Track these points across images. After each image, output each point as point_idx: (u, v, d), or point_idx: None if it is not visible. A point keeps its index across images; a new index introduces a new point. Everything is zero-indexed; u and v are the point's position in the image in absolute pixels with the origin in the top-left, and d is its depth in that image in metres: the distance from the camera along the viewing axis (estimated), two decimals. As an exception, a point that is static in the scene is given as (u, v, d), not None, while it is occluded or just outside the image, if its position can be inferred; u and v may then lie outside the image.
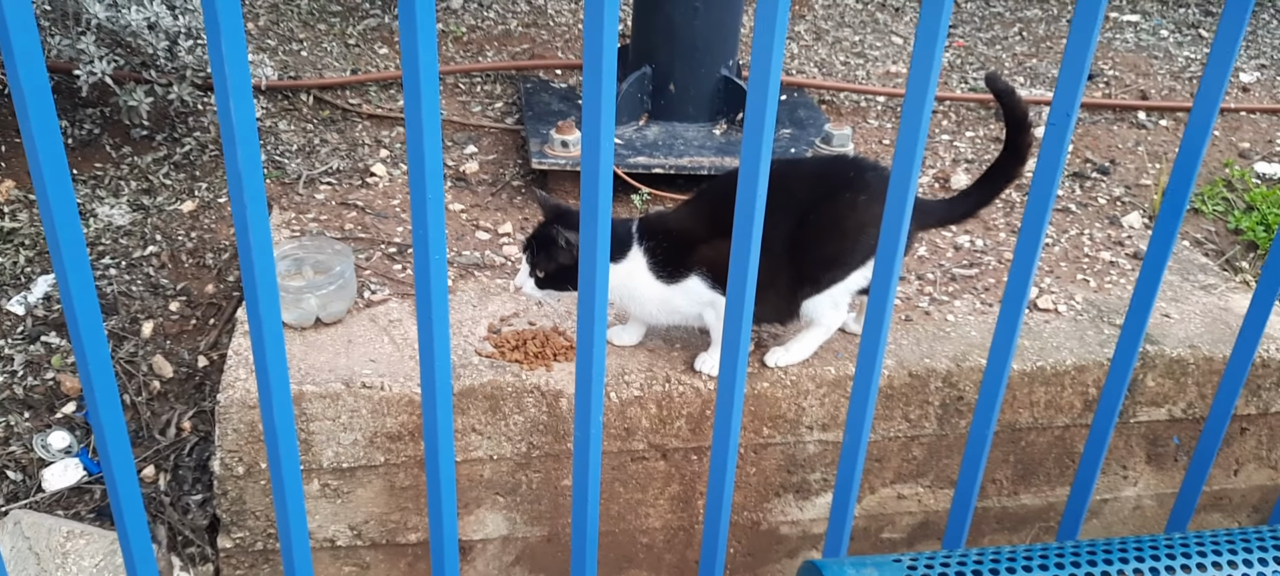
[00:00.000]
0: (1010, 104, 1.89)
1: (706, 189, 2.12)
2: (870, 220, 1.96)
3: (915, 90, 1.36)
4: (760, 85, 1.28)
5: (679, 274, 1.92)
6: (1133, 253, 2.64)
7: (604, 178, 1.27)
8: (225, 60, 1.15)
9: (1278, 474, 2.39)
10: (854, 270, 1.98)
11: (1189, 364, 2.21)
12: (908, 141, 1.40)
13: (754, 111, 1.29)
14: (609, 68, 1.21)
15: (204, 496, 2.19)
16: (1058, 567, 1.31)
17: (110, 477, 1.41)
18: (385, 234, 2.50)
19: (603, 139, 1.24)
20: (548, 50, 3.52)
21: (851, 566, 1.30)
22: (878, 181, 1.98)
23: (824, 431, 2.11)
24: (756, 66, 1.26)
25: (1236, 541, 1.35)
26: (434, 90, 1.20)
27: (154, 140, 2.92)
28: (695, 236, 1.95)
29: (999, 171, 1.98)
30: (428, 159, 1.22)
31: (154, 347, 2.37)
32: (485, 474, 2.03)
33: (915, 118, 1.38)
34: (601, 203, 1.28)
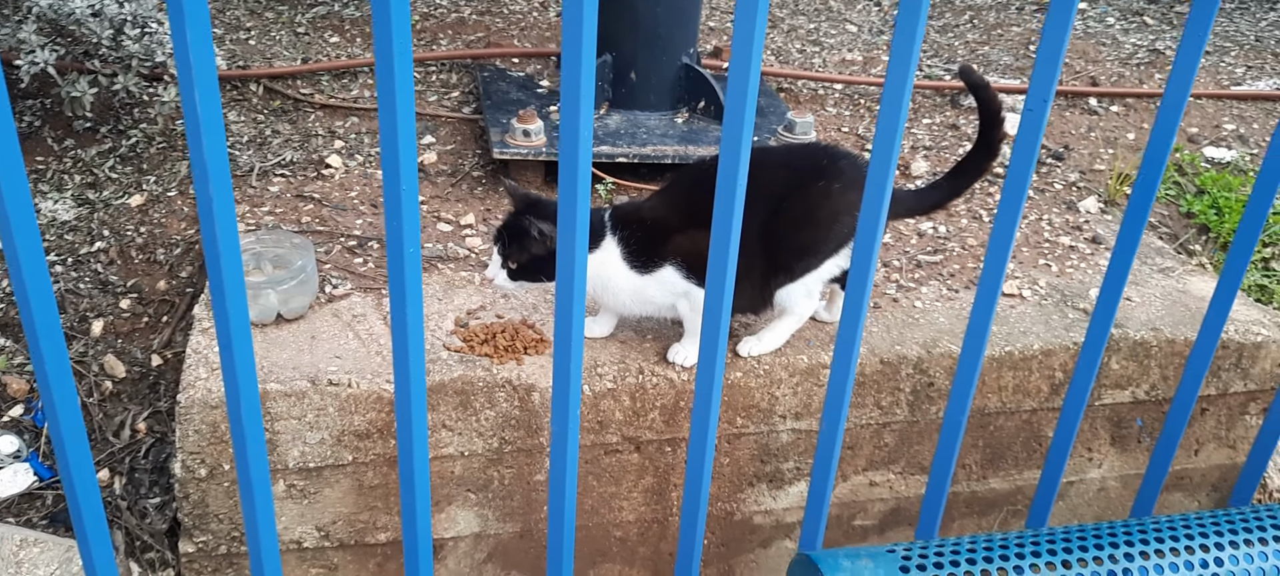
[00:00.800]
0: (985, 98, 1.89)
1: (678, 177, 2.10)
2: (844, 208, 1.95)
3: (894, 81, 1.35)
4: (741, 74, 1.26)
5: (653, 264, 1.90)
6: (1091, 237, 2.67)
7: (583, 168, 1.24)
8: (190, 47, 1.10)
9: (1237, 453, 2.43)
10: (827, 258, 1.97)
11: (1152, 346, 2.24)
12: (886, 131, 1.39)
13: (734, 101, 1.27)
14: (588, 55, 1.18)
15: (162, 499, 2.12)
16: (1049, 553, 1.32)
17: (69, 483, 1.35)
18: (344, 226, 2.44)
19: (581, 129, 1.21)
20: (503, 38, 3.47)
21: (846, 558, 1.29)
22: (851, 169, 1.97)
23: (797, 420, 2.10)
24: (737, 55, 1.24)
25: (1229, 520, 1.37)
26: (408, 77, 1.16)
27: (98, 132, 2.82)
28: (669, 226, 1.92)
29: (971, 164, 1.99)
30: (402, 154, 1.19)
31: (105, 347, 2.29)
32: (456, 470, 1.99)
33: (894, 108, 1.37)
34: (580, 193, 1.25)
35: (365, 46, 3.35)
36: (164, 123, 2.83)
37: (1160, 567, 1.35)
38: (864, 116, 3.27)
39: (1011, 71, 3.67)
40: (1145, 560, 1.36)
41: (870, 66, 3.60)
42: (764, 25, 1.24)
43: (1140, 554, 1.37)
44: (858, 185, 1.98)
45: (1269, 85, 3.67)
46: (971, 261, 2.49)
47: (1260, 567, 1.33)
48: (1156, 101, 3.46)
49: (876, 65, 3.61)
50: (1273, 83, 3.70)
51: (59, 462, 1.34)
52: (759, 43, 1.25)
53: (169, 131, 2.84)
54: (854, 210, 1.98)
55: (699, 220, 1.96)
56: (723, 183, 1.37)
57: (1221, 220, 2.90)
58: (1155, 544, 1.39)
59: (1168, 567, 1.34)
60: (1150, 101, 3.46)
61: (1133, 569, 1.34)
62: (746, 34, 1.23)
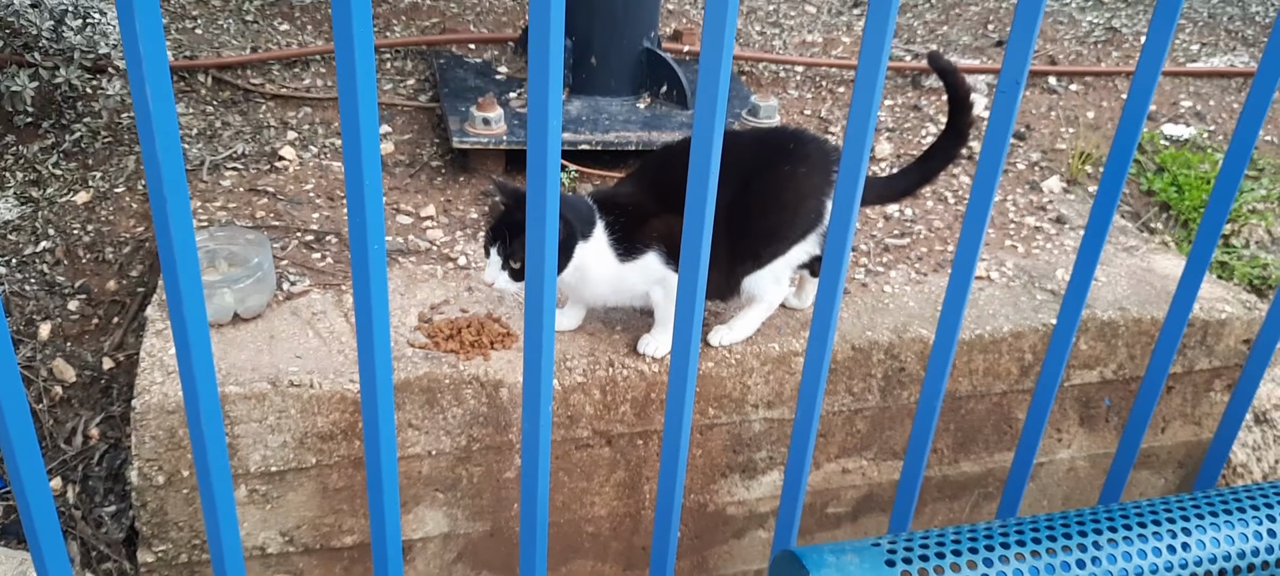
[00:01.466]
0: (953, 83, 1.87)
1: (653, 160, 2.06)
2: (810, 192, 1.92)
3: (867, 65, 1.32)
4: (713, 58, 1.22)
5: (635, 250, 1.86)
6: (1055, 216, 2.67)
7: (552, 159, 1.20)
8: (139, 39, 1.04)
9: (1202, 430, 2.45)
10: (794, 243, 1.94)
11: (1119, 326, 2.24)
12: (859, 115, 1.37)
13: (706, 85, 1.23)
14: (557, 41, 1.14)
15: (118, 507, 2.05)
16: (1033, 541, 1.30)
17: (21, 493, 1.29)
18: (301, 221, 2.38)
19: (550, 117, 1.17)
20: (459, 23, 3.40)
21: (831, 552, 1.27)
22: (817, 153, 1.95)
23: (769, 409, 2.08)
24: (708, 39, 1.21)
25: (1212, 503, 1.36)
26: (369, 64, 1.11)
27: (40, 128, 2.72)
28: (649, 211, 1.88)
29: (940, 150, 1.97)
30: (364, 145, 1.14)
31: (53, 350, 2.21)
32: (423, 470, 1.94)
33: (867, 92, 1.34)
34: (549, 183, 1.21)
35: (316, 34, 3.27)
36: (109, 116, 2.74)
37: (1142, 552, 1.34)
38: (826, 99, 3.25)
39: (970, 51, 3.67)
40: (1128, 545, 1.35)
41: (831, 48, 3.57)
42: (737, 8, 1.21)
43: (1123, 538, 1.36)
44: (824, 169, 1.95)
45: (1224, 62, 3.70)
46: (939, 244, 2.48)
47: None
48: (1115, 80, 3.48)
49: (836, 46, 3.59)
50: (1227, 59, 3.73)
51: (10, 472, 1.28)
52: (732, 25, 1.22)
53: (114, 125, 2.75)
54: (821, 194, 1.95)
55: (673, 202, 1.93)
56: (696, 168, 1.33)
57: (1182, 197, 2.91)
58: (1137, 528, 1.38)
59: (1151, 551, 1.33)
60: (1109, 80, 3.47)
61: (1116, 553, 1.33)
62: (718, 17, 1.20)
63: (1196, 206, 2.90)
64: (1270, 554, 1.31)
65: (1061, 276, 2.36)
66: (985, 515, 2.39)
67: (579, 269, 1.84)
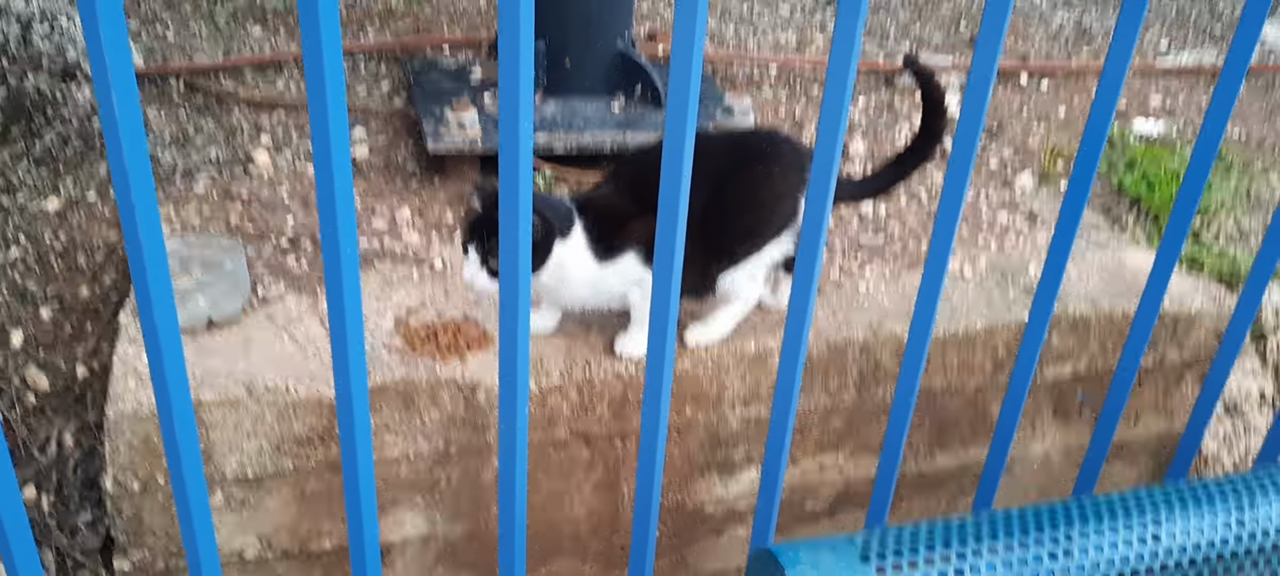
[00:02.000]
0: (928, 86, 1.89)
1: (630, 163, 2.06)
2: (785, 192, 1.94)
3: (838, 64, 1.33)
4: (684, 59, 1.23)
5: (614, 251, 1.86)
6: (1028, 213, 2.69)
7: (525, 160, 1.20)
8: (103, 43, 1.04)
9: (1174, 421, 2.48)
10: (769, 242, 1.96)
11: (1091, 320, 2.27)
12: (831, 114, 1.37)
13: (677, 86, 1.24)
14: (527, 41, 1.14)
15: (93, 516, 2.04)
16: (1006, 534, 1.31)
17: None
18: (275, 226, 2.37)
19: (521, 120, 1.17)
20: (433, 27, 3.39)
21: (806, 549, 1.28)
22: (791, 153, 1.96)
23: (746, 407, 2.09)
24: (678, 39, 1.21)
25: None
26: (337, 66, 1.11)
27: (9, 134, 2.69)
28: (628, 212, 1.89)
29: (914, 151, 1.99)
30: (334, 149, 1.14)
31: (26, 358, 2.20)
32: (402, 473, 1.94)
33: (839, 91, 1.35)
34: (522, 185, 1.21)
35: (289, 39, 3.26)
36: (79, 123, 2.71)
37: (1114, 543, 1.35)
38: (801, 98, 3.26)
39: (943, 50, 3.69)
40: (1100, 537, 1.36)
41: (805, 48, 3.59)
42: (707, 8, 1.22)
43: (1095, 530, 1.38)
44: (798, 169, 1.97)
45: (1192, 59, 3.74)
46: (912, 242, 2.49)
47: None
48: (1086, 77, 3.51)
49: (810, 46, 3.61)
50: (1196, 56, 3.78)
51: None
52: (702, 25, 1.22)
53: (85, 131, 2.72)
54: (795, 194, 1.97)
55: (650, 204, 1.93)
56: (668, 169, 1.34)
57: (1152, 193, 2.95)
58: (1109, 520, 1.40)
59: (1124, 542, 1.35)
60: (1079, 77, 3.51)
61: (1089, 545, 1.34)
62: (688, 17, 1.21)
63: (1167, 202, 2.93)
64: (1239, 543, 1.33)
65: (1034, 272, 2.38)
66: (961, 509, 2.41)
67: (558, 268, 1.84)
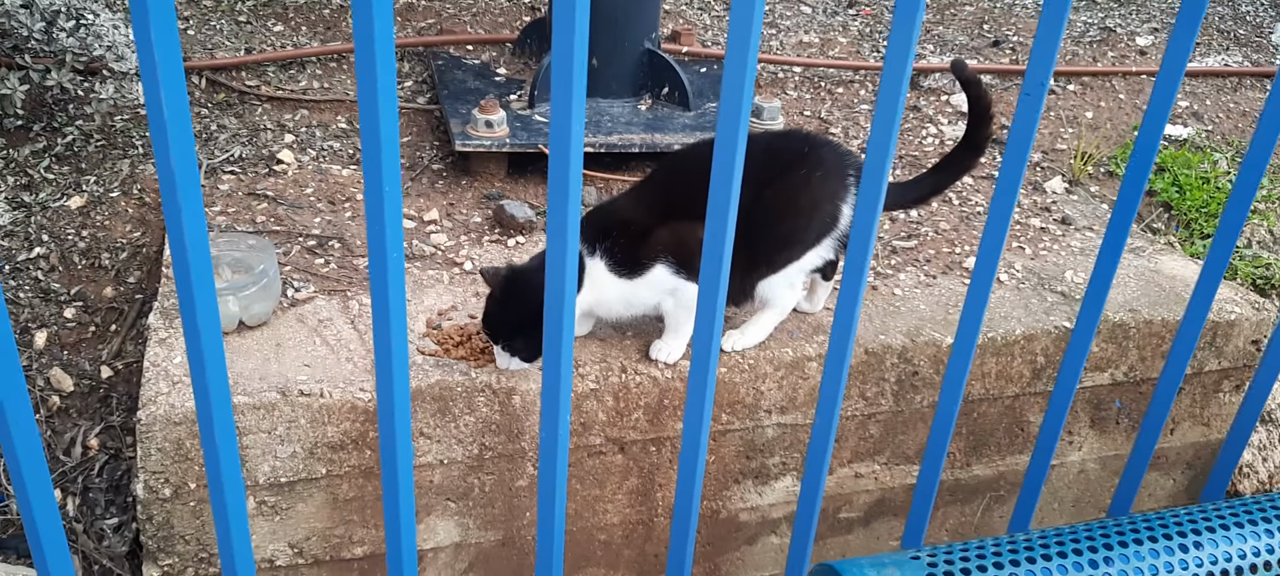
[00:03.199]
0: (976, 94, 1.85)
1: (655, 171, 2.04)
2: (825, 197, 1.90)
3: (892, 72, 1.30)
4: (738, 61, 1.20)
5: (641, 266, 1.83)
6: (1060, 218, 2.66)
7: (574, 167, 1.17)
8: (154, 47, 1.01)
9: (1211, 431, 2.44)
10: (809, 249, 1.92)
11: (1130, 327, 2.24)
12: (883, 123, 1.34)
13: (731, 89, 1.21)
14: (581, 43, 1.11)
15: (120, 520, 2.01)
16: (1075, 553, 1.28)
17: (26, 507, 1.25)
18: (301, 225, 2.33)
19: (573, 123, 1.14)
20: (456, 24, 3.36)
21: (870, 566, 1.25)
22: (831, 157, 1.93)
23: (782, 414, 2.05)
24: (733, 43, 1.18)
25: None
26: (390, 68, 1.08)
27: (31, 131, 2.66)
28: (651, 223, 1.86)
29: (956, 161, 1.96)
30: (384, 155, 1.11)
31: (50, 359, 2.17)
32: (435, 479, 1.91)
33: (892, 99, 1.32)
34: (572, 191, 1.18)
35: (311, 35, 3.23)
36: (102, 120, 2.68)
37: (1170, 566, 1.32)
38: (825, 99, 3.23)
39: (967, 51, 3.66)
40: (1155, 558, 1.33)
41: (827, 48, 3.56)
42: (762, 13, 1.18)
43: (1150, 547, 1.35)
44: (839, 173, 1.93)
45: (1218, 61, 3.71)
46: (945, 246, 2.46)
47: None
48: (1112, 80, 3.48)
49: (833, 46, 3.57)
50: (1221, 59, 3.74)
51: (15, 485, 1.24)
52: (757, 24, 1.19)
53: (107, 128, 2.69)
54: (836, 198, 1.93)
55: (681, 212, 1.90)
56: (718, 172, 1.31)
57: (1183, 198, 2.91)
58: (1163, 538, 1.37)
59: (1178, 565, 1.32)
60: (1105, 80, 3.47)
61: (1144, 563, 1.31)
62: (744, 20, 1.17)
63: (1198, 206, 2.90)
64: (1272, 554, 1.32)
65: (1071, 278, 2.35)
66: (997, 518, 2.38)
67: (584, 303, 1.86)
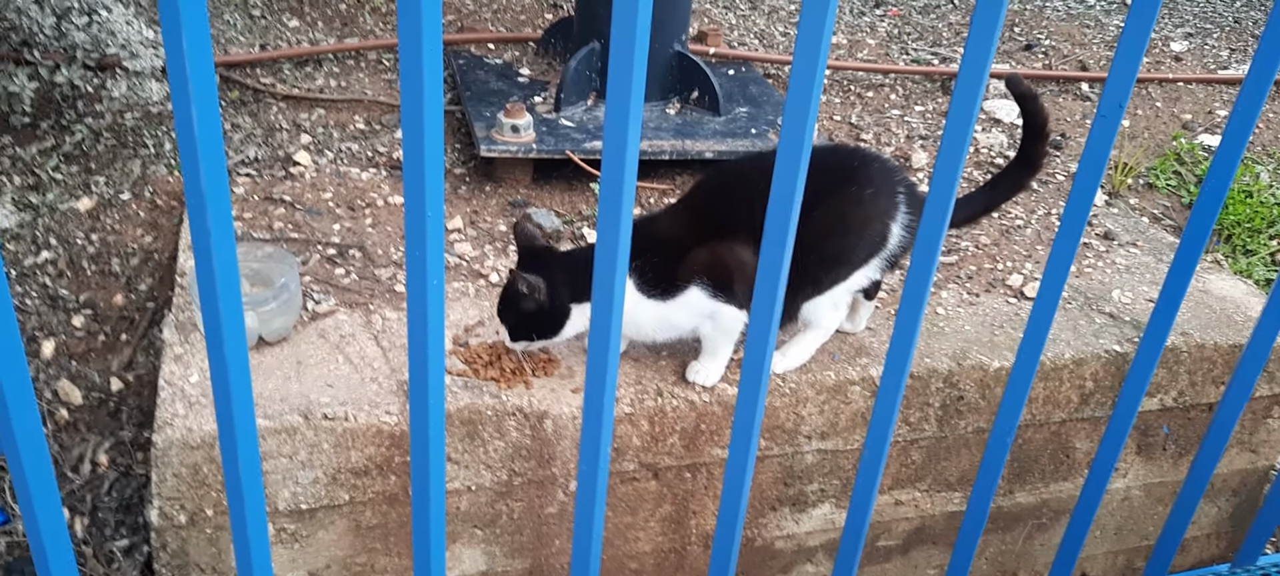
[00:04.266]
0: (1031, 110, 1.77)
1: (691, 188, 1.95)
2: (875, 215, 1.81)
3: (964, 90, 1.22)
4: (805, 74, 1.11)
5: (676, 287, 1.75)
6: (1103, 232, 2.57)
7: (629, 177, 1.09)
8: (186, 56, 0.93)
9: (1258, 457, 2.36)
10: (858, 268, 1.84)
11: (1182, 352, 2.15)
12: (953, 142, 1.26)
13: (796, 103, 1.12)
14: (641, 54, 1.02)
15: (130, 542, 1.92)
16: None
17: (33, 528, 1.17)
18: (320, 233, 2.24)
19: (629, 134, 1.06)
20: (476, 22, 3.26)
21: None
22: (881, 173, 1.84)
23: (822, 440, 1.97)
24: (801, 53, 1.10)
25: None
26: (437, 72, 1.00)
27: (39, 129, 2.57)
28: (687, 243, 1.78)
29: (1010, 179, 1.87)
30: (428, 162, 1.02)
31: (58, 370, 2.08)
32: (462, 506, 1.82)
33: (963, 121, 1.23)
34: (625, 200, 1.10)
35: (327, 31, 3.13)
36: (113, 118, 2.59)
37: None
38: (855, 103, 3.14)
39: (998, 56, 3.57)
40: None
41: (856, 50, 3.47)
42: (831, 26, 1.10)
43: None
44: (888, 190, 1.84)
45: (1255, 69, 3.62)
46: (987, 261, 2.37)
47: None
48: (1149, 86, 3.39)
49: (862, 48, 3.48)
50: (1258, 66, 3.65)
51: (21, 504, 1.16)
52: (826, 47, 1.11)
53: (118, 127, 2.60)
54: (886, 217, 1.84)
55: (716, 231, 1.82)
56: (778, 193, 1.22)
57: (1225, 212, 2.83)
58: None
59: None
60: (1142, 86, 3.38)
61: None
62: (814, 28, 1.08)
63: (1240, 221, 2.82)
64: None
65: (1118, 298, 2.26)
66: (1038, 546, 2.29)
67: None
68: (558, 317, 1.74)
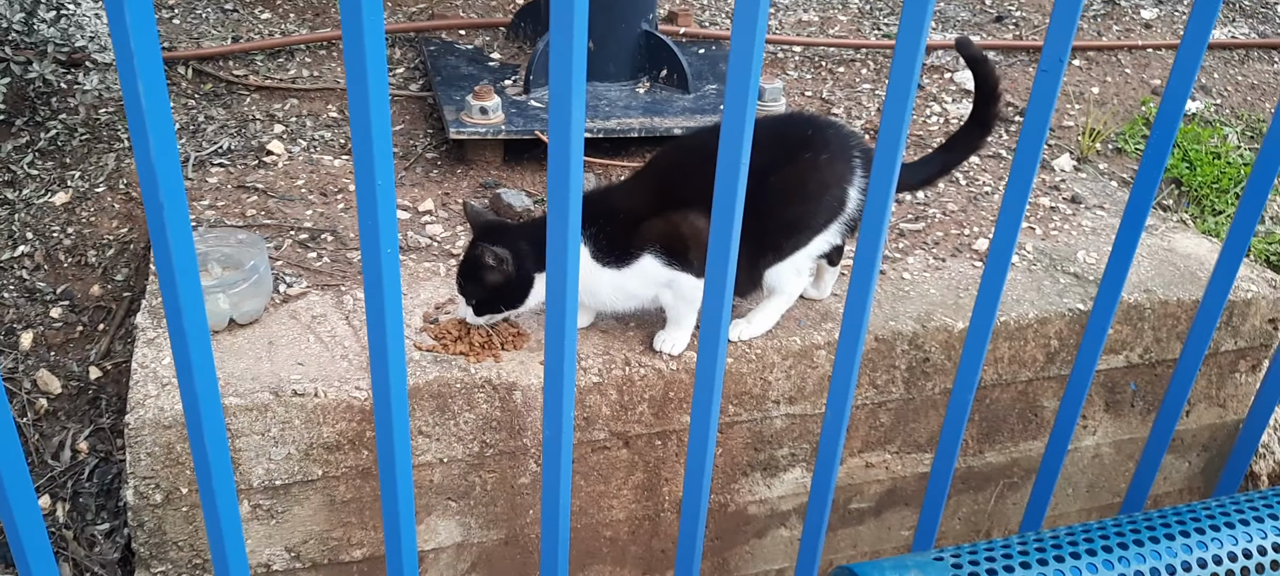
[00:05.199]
0: (982, 72, 1.80)
1: (651, 159, 1.97)
2: (832, 181, 1.84)
3: (904, 51, 1.25)
4: (744, 44, 1.14)
5: (629, 255, 1.77)
6: (1070, 196, 2.60)
7: (575, 151, 1.12)
8: (130, 34, 0.95)
9: (1227, 411, 2.39)
10: (817, 234, 1.86)
11: (1145, 309, 2.18)
12: (896, 104, 1.29)
13: (737, 72, 1.15)
14: (580, 24, 1.05)
15: (111, 525, 1.95)
16: (1104, 550, 1.23)
17: (7, 514, 1.20)
18: (293, 219, 2.27)
19: (573, 110, 1.08)
20: (447, 9, 3.28)
21: (892, 569, 1.19)
22: (836, 139, 1.87)
23: (790, 404, 2.00)
24: (740, 18, 1.13)
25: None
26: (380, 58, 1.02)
27: (13, 126, 2.59)
28: (643, 211, 1.81)
29: (964, 140, 1.91)
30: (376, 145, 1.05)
31: (37, 361, 2.11)
32: (435, 478, 1.85)
33: (904, 82, 1.27)
34: (572, 179, 1.13)
35: (299, 22, 3.15)
36: (86, 112, 2.61)
37: (1186, 565, 1.27)
38: (826, 79, 3.16)
39: (969, 28, 3.59)
40: (1173, 554, 1.28)
41: (827, 26, 3.49)
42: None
43: (1166, 539, 1.30)
44: (845, 156, 1.87)
45: (1225, 34, 3.64)
46: (954, 228, 2.40)
47: None
48: (1118, 54, 3.41)
49: (834, 25, 3.50)
50: (1227, 31, 3.68)
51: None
52: (764, 14, 1.14)
53: (92, 121, 2.62)
54: (843, 182, 1.87)
55: (675, 202, 1.84)
56: (725, 157, 1.25)
57: (1194, 173, 2.86)
58: (1180, 535, 1.32)
59: (1196, 563, 1.27)
60: (1111, 54, 3.41)
61: (1161, 563, 1.26)
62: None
63: (1209, 182, 2.85)
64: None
65: (1083, 258, 2.29)
66: (1009, 505, 2.32)
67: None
68: (523, 287, 1.77)
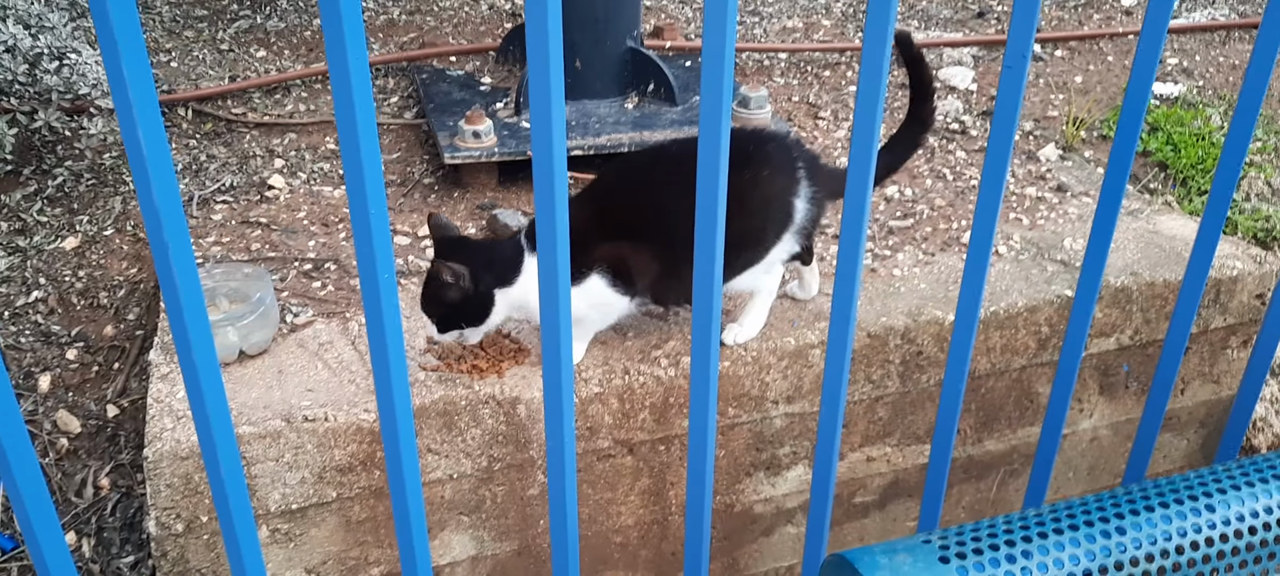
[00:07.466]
0: (918, 72, 1.83)
1: (602, 174, 1.99)
2: (774, 195, 1.85)
3: (872, 52, 1.30)
4: (716, 54, 1.19)
5: (579, 274, 1.77)
6: (1056, 185, 2.65)
7: (558, 170, 1.17)
8: (128, 84, 1.01)
9: (1221, 387, 2.43)
10: (769, 248, 1.88)
11: (1133, 291, 2.23)
12: (867, 104, 1.34)
13: (710, 83, 1.21)
14: (556, 46, 1.10)
15: (136, 557, 2.01)
16: (1087, 525, 1.28)
17: (36, 552, 1.25)
18: (296, 250, 2.33)
19: (554, 127, 1.14)
20: (437, 37, 3.35)
21: (882, 553, 1.24)
22: (778, 151, 1.88)
23: (789, 404, 2.05)
24: (709, 36, 1.18)
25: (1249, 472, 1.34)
26: (366, 88, 1.08)
27: (21, 175, 2.66)
28: (593, 235, 1.79)
29: (905, 139, 1.93)
30: (367, 172, 1.10)
31: (56, 402, 2.16)
32: (446, 494, 1.90)
33: (874, 81, 1.31)
34: (557, 198, 1.18)
35: (294, 59, 3.22)
36: (91, 158, 2.68)
37: (1182, 531, 1.31)
38: (812, 83, 3.22)
39: (952, 25, 3.65)
40: (1167, 523, 1.33)
41: (812, 32, 3.55)
42: (737, 7, 1.18)
43: (1161, 511, 1.34)
44: (787, 168, 1.88)
45: (1205, 16, 3.70)
46: (943, 223, 2.45)
47: None
48: (1100, 43, 3.47)
49: (818, 30, 3.56)
50: (1208, 13, 3.73)
51: (22, 530, 1.24)
52: (732, 22, 1.19)
53: (97, 166, 2.69)
54: (788, 194, 1.88)
55: (616, 226, 1.82)
56: (704, 171, 1.31)
57: (1178, 156, 2.90)
58: (1175, 503, 1.36)
59: (1192, 529, 1.31)
60: (1093, 43, 3.46)
61: (1156, 532, 1.31)
62: (718, 13, 1.17)
63: (1193, 164, 2.89)
64: None
65: (1069, 245, 2.34)
66: (1011, 492, 2.37)
67: (525, 309, 1.82)
68: (484, 305, 1.78)
